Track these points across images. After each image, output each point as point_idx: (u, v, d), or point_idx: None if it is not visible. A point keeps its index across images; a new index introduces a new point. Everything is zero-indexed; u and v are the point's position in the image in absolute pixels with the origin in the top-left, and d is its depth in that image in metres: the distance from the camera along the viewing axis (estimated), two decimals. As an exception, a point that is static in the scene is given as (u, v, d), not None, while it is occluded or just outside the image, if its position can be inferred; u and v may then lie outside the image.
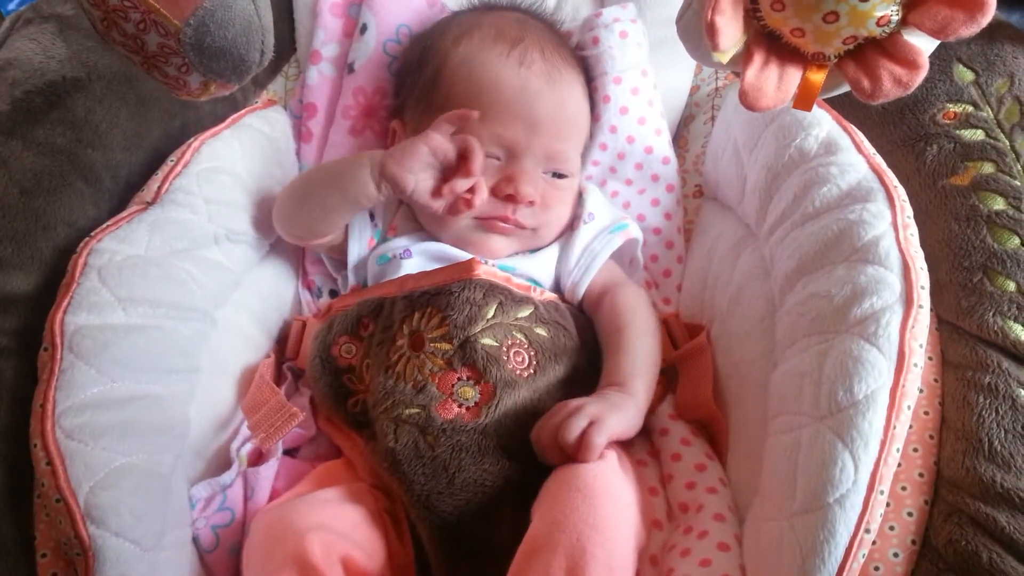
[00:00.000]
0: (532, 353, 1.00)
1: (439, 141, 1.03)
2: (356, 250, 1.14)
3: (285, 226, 1.13)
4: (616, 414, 0.94)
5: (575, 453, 0.90)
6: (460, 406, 0.96)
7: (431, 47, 1.16)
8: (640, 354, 1.04)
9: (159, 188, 1.02)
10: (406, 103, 1.18)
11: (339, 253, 1.16)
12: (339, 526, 0.88)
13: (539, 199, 1.10)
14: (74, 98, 1.02)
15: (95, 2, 0.78)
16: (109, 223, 0.98)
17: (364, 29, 1.24)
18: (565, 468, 0.90)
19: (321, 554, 0.83)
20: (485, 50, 1.10)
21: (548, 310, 1.05)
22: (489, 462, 0.94)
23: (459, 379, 0.97)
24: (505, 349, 0.99)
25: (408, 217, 1.16)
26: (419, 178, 1.03)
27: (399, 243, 1.12)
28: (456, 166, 1.04)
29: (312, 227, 1.11)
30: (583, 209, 1.15)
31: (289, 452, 1.06)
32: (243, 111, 1.19)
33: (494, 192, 1.08)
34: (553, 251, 1.14)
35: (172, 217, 1.01)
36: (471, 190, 1.03)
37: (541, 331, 1.03)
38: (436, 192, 1.04)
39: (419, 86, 1.15)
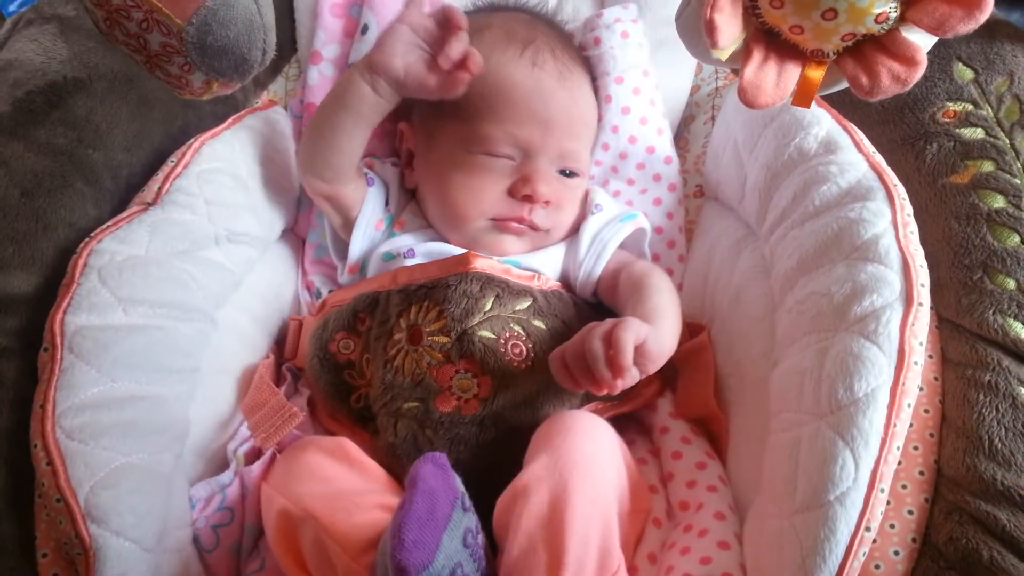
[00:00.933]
0: (530, 346, 1.00)
1: (415, 16, 1.01)
2: (364, 224, 1.13)
3: (307, 167, 1.11)
4: (639, 323, 0.89)
5: (606, 359, 0.86)
6: (458, 399, 0.97)
7: None
8: (660, 305, 1.00)
9: (159, 189, 1.03)
10: (414, 104, 1.17)
11: (348, 232, 1.15)
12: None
13: (554, 199, 1.10)
14: (75, 99, 1.02)
15: (98, 2, 0.79)
16: (109, 223, 0.98)
17: (365, 30, 1.24)
18: (552, 419, 0.92)
19: (354, 451, 0.93)
20: (497, 51, 1.10)
21: (549, 300, 1.05)
22: (488, 454, 0.95)
23: (457, 372, 0.98)
24: (503, 341, 0.99)
25: (416, 213, 1.17)
26: (408, 61, 1.01)
27: (405, 241, 1.12)
28: (442, 40, 1.01)
29: (328, 160, 1.09)
30: (591, 202, 1.16)
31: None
32: (243, 112, 1.19)
33: (511, 193, 1.08)
34: (560, 247, 1.14)
35: (173, 218, 1.01)
36: (466, 59, 1.00)
37: (539, 323, 1.03)
38: (432, 67, 1.01)
39: None
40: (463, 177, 1.09)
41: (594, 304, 1.14)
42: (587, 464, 0.85)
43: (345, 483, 0.90)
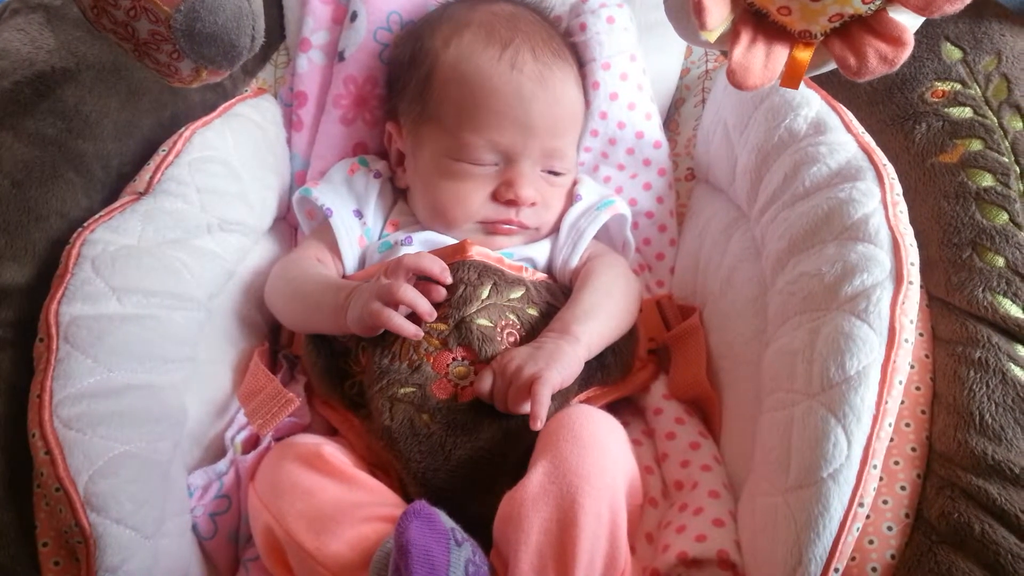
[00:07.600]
0: (524, 334, 1.01)
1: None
2: (351, 253, 1.13)
3: (276, 315, 1.13)
4: (554, 366, 0.93)
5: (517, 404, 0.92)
6: (455, 386, 0.97)
7: (421, 47, 1.14)
8: (588, 306, 1.02)
9: (151, 178, 1.02)
10: (399, 105, 1.17)
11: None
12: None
13: (540, 199, 1.11)
14: (64, 88, 1.02)
15: (85, -11, 0.78)
16: (102, 213, 0.98)
17: (354, 16, 1.23)
18: (558, 418, 0.92)
19: (332, 457, 0.93)
20: (476, 54, 1.09)
21: (539, 291, 1.06)
22: (484, 440, 0.95)
23: (454, 359, 0.98)
24: (499, 329, 1.00)
25: (407, 212, 1.17)
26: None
27: (401, 232, 1.13)
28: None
29: (298, 328, 1.12)
30: (574, 193, 1.16)
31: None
32: (234, 100, 1.18)
33: (495, 198, 1.09)
34: (547, 240, 1.15)
35: (165, 207, 1.01)
36: None
37: (533, 312, 1.03)
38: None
39: (411, 88, 1.14)
40: (448, 184, 1.10)
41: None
42: (595, 476, 0.85)
43: (326, 496, 0.90)
